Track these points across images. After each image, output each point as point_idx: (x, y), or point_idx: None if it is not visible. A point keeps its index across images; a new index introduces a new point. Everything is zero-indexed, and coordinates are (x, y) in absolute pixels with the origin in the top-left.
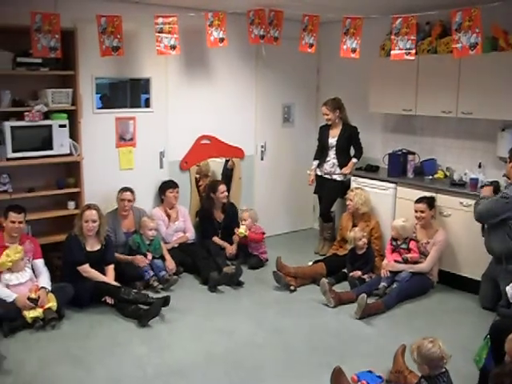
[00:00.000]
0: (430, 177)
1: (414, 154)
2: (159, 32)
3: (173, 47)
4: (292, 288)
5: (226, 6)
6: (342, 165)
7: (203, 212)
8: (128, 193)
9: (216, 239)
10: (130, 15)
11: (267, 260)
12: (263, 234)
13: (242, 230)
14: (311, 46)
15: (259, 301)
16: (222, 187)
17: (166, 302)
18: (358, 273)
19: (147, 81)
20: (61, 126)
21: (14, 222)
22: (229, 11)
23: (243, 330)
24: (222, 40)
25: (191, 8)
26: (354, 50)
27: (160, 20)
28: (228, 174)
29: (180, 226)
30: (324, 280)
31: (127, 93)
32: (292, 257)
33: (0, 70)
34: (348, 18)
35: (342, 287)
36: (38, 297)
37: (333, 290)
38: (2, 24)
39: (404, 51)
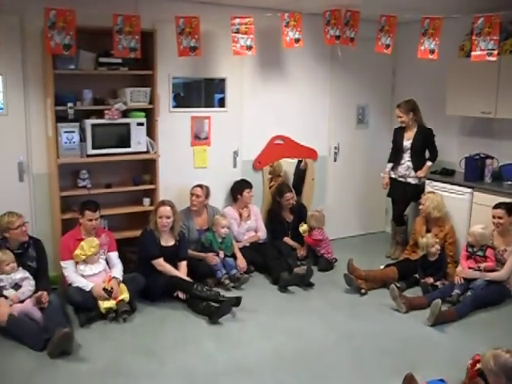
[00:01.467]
0: (509, 182)
1: (492, 158)
2: (235, 32)
3: (249, 48)
4: (363, 291)
5: (302, 7)
6: (416, 168)
7: (272, 213)
8: (197, 188)
9: (287, 240)
10: (207, 16)
11: (335, 260)
12: (317, 240)
13: (301, 227)
14: (388, 46)
15: (329, 303)
16: (289, 195)
17: (237, 302)
18: (431, 279)
19: (222, 81)
20: (138, 124)
21: (91, 220)
22: (305, 12)
23: (313, 332)
24: (297, 40)
25: (267, 8)
26: (432, 51)
27: (236, 21)
28: (300, 175)
29: (252, 226)
30: (393, 285)
31: (201, 92)
32: (363, 260)
33: (83, 69)
34: (427, 18)
35: (414, 292)
36: (112, 288)
37: (403, 295)
38: (86, 26)
39: (486, 52)
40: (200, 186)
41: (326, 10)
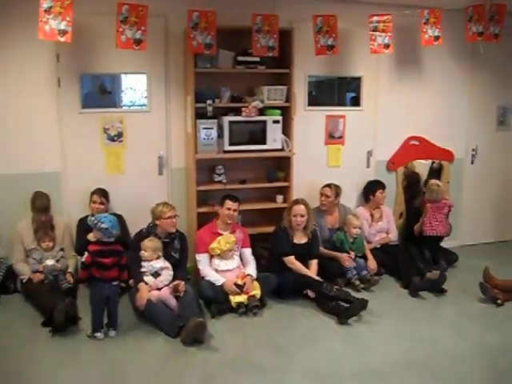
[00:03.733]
0: None
1: None
2: (373, 30)
3: (386, 46)
4: (499, 302)
5: (442, 3)
6: None
7: (413, 208)
8: (326, 188)
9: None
10: (345, 14)
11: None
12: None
13: None
14: None
15: (462, 311)
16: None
17: (364, 305)
18: None
19: (355, 79)
20: (274, 121)
21: (229, 209)
22: (445, 8)
23: (444, 341)
24: (436, 38)
25: (406, 5)
26: None
27: (375, 18)
28: (434, 177)
29: (383, 227)
30: None
31: (334, 91)
32: (499, 268)
33: (222, 68)
34: None
35: None
36: (244, 283)
37: None
38: (226, 25)
39: None
40: (329, 185)
41: (468, 5)
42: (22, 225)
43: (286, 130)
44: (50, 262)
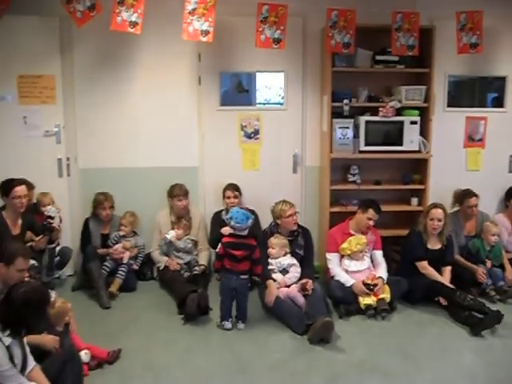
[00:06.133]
0: None
1: None
2: None
3: None
4: None
5: None
6: None
7: None
8: (473, 198)
9: None
10: (490, 10)
11: None
12: None
13: None
14: None
15: None
16: None
17: (499, 318)
18: None
19: (497, 79)
20: (412, 122)
21: (370, 219)
22: None
23: None
24: None
25: None
26: None
27: None
28: None
29: None
30: None
31: (475, 91)
32: None
33: (360, 67)
34: None
35: None
36: (375, 284)
37: None
38: (364, 24)
39: None
40: (472, 193)
41: None
42: (161, 215)
43: (424, 132)
44: (170, 235)
